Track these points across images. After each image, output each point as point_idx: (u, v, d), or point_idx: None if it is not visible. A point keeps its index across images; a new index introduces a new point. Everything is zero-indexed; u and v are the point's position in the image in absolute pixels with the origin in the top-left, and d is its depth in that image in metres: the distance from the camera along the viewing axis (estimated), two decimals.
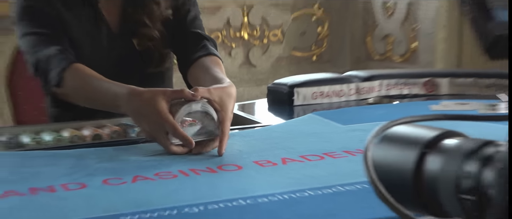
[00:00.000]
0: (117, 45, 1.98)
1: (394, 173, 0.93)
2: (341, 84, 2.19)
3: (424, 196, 0.90)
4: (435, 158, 0.89)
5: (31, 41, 1.88)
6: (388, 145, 0.95)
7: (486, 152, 0.85)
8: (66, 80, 1.78)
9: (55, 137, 1.71)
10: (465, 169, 0.85)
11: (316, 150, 1.59)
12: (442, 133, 0.92)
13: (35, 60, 1.84)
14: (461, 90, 2.26)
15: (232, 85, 1.66)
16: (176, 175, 1.41)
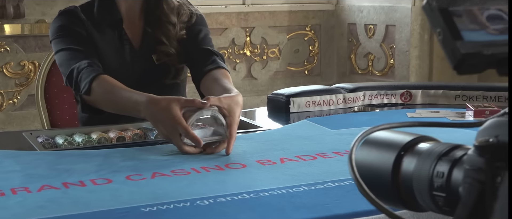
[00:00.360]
0: (139, 60, 1.97)
1: (375, 173, 0.91)
2: (331, 95, 2.17)
3: (402, 193, 0.89)
4: (411, 160, 0.87)
5: (65, 56, 1.87)
6: (370, 148, 0.93)
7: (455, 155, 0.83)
8: (94, 89, 1.77)
9: (85, 138, 1.69)
10: (437, 170, 0.84)
11: (309, 151, 1.57)
12: (417, 138, 0.90)
13: (68, 72, 1.83)
14: (433, 100, 2.24)
15: (239, 95, 1.65)
16: (189, 172, 1.40)
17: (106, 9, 1.95)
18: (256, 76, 5.19)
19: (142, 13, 1.98)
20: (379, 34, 5.08)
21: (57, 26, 1.92)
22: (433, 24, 0.81)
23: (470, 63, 0.79)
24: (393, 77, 5.02)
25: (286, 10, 5.22)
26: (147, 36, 1.97)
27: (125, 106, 1.71)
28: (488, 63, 0.80)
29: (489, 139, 0.77)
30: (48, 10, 4.19)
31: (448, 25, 0.79)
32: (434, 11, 0.80)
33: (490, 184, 0.76)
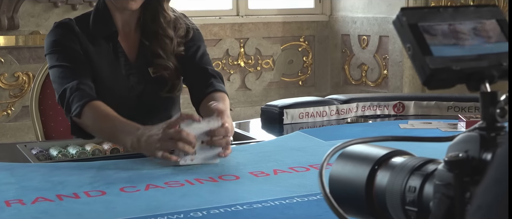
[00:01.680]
0: (134, 73, 1.97)
1: (350, 186, 0.92)
2: (324, 106, 2.18)
3: (375, 207, 0.89)
4: (385, 174, 0.88)
5: (58, 73, 1.86)
6: (345, 162, 0.94)
7: (427, 169, 0.84)
8: (85, 114, 1.76)
9: (79, 150, 1.70)
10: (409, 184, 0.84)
11: (302, 162, 1.58)
12: (391, 152, 0.90)
13: (61, 91, 1.82)
14: (426, 111, 2.25)
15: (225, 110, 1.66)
16: (183, 184, 1.40)
17: (102, 22, 1.95)
18: (250, 87, 5.20)
19: (138, 26, 1.98)
20: (373, 45, 5.10)
21: (51, 40, 1.92)
22: (403, 39, 0.81)
23: (439, 78, 0.79)
24: (387, 88, 5.03)
25: (280, 21, 5.24)
26: (143, 49, 1.97)
27: (111, 138, 1.73)
28: (458, 79, 0.80)
29: (458, 154, 0.78)
30: (43, 22, 4.20)
31: (418, 40, 0.80)
32: (404, 27, 0.81)
33: (459, 199, 0.76)
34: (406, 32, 0.80)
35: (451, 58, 0.79)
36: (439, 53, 0.79)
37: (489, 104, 0.79)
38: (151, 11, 1.94)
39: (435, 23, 0.82)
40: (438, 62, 0.78)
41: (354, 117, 2.20)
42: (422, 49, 0.79)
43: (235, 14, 5.11)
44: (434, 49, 0.79)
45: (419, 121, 2.09)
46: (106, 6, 1.95)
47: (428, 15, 0.82)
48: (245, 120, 2.38)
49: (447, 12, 0.83)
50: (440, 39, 0.81)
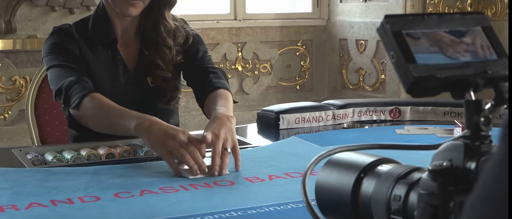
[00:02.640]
0: (133, 81, 1.96)
1: (336, 194, 0.91)
2: (320, 111, 2.18)
3: (361, 215, 0.88)
4: (370, 182, 0.87)
5: (56, 72, 1.86)
6: (332, 169, 0.93)
7: (412, 177, 0.83)
8: (85, 104, 1.75)
9: (74, 155, 1.69)
10: (394, 193, 0.83)
11: (297, 168, 1.58)
12: (378, 160, 0.90)
13: (58, 87, 1.82)
14: (422, 116, 2.25)
15: (222, 115, 1.65)
16: (178, 189, 1.40)
17: (101, 28, 1.94)
18: (248, 91, 5.20)
19: (138, 34, 1.97)
20: (370, 50, 5.10)
21: (50, 43, 1.91)
22: (387, 47, 0.80)
23: (423, 86, 0.78)
24: (384, 92, 5.04)
25: (278, 26, 5.24)
26: (142, 58, 1.96)
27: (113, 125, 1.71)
28: (442, 87, 0.79)
29: (443, 162, 0.77)
30: (40, 26, 4.20)
31: (401, 48, 0.79)
32: (388, 34, 0.80)
33: (443, 208, 0.76)
34: (389, 39, 0.80)
35: (435, 66, 0.78)
36: (423, 61, 0.78)
37: (474, 113, 0.78)
38: (152, 19, 1.93)
39: (420, 31, 0.81)
40: (422, 70, 0.77)
41: (350, 122, 2.20)
42: (405, 57, 0.78)
43: (233, 19, 5.11)
44: (418, 57, 0.78)
45: (415, 126, 2.08)
46: (105, 12, 1.94)
47: (413, 23, 0.81)
48: (242, 125, 2.38)
49: (432, 20, 0.82)
50: (424, 46, 0.80)
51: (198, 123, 4.66)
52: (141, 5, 1.87)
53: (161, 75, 1.94)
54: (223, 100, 1.80)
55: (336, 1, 5.33)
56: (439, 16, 0.83)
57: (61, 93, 1.80)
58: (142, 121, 1.60)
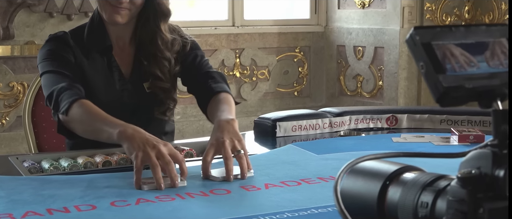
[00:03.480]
0: (128, 88, 1.96)
1: (361, 201, 0.93)
2: (317, 119, 2.18)
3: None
4: (396, 189, 0.89)
5: (49, 77, 1.87)
6: (356, 177, 0.95)
7: (439, 185, 0.85)
8: (73, 110, 1.75)
9: (70, 163, 1.69)
10: (421, 199, 0.85)
11: (294, 176, 1.58)
12: (402, 167, 0.92)
13: (49, 92, 1.82)
14: (419, 124, 2.26)
15: (223, 121, 1.67)
16: (174, 198, 1.40)
17: (96, 35, 1.95)
18: (246, 97, 5.20)
19: (133, 41, 1.98)
20: (368, 56, 5.11)
21: (45, 50, 1.92)
22: (416, 58, 0.83)
23: (452, 96, 0.80)
24: (382, 99, 5.04)
25: (276, 32, 5.25)
26: (138, 64, 1.96)
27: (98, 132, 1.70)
28: (470, 96, 0.82)
29: (471, 170, 0.79)
30: (38, 32, 4.20)
31: (431, 59, 0.81)
32: (417, 45, 0.82)
33: (472, 215, 0.77)
34: (419, 50, 0.82)
35: (463, 76, 0.81)
36: (452, 72, 0.81)
37: (501, 122, 0.80)
38: (149, 32, 1.93)
39: (448, 42, 0.83)
40: (451, 80, 0.80)
41: (347, 130, 2.20)
42: (435, 67, 0.81)
43: (230, 25, 5.11)
44: (446, 67, 0.81)
45: (412, 134, 2.09)
46: (100, 19, 1.95)
47: (441, 34, 0.84)
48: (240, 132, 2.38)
49: (459, 31, 0.85)
50: (452, 57, 0.82)
51: (196, 129, 4.66)
52: (127, 13, 1.88)
53: (160, 86, 1.95)
54: (225, 104, 1.81)
55: (334, 8, 5.34)
56: (466, 28, 0.86)
57: (52, 98, 1.81)
58: (126, 128, 1.60)
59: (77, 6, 4.24)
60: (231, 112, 1.77)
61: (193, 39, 2.05)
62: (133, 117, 1.91)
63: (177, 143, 1.93)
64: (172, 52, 1.96)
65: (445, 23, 4.93)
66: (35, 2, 4.14)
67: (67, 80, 1.83)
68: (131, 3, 1.87)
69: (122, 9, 1.86)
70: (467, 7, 4.98)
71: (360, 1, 5.11)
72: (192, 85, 1.99)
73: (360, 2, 5.11)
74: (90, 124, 1.74)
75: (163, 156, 1.50)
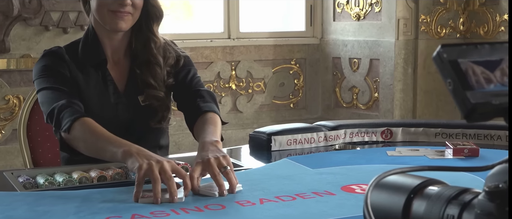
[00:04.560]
0: (123, 101, 1.97)
1: (386, 215, 0.94)
2: (312, 133, 2.18)
3: None
4: (421, 202, 0.91)
5: (47, 94, 1.87)
6: (380, 191, 0.96)
7: (464, 198, 0.87)
8: (75, 128, 1.76)
9: (66, 178, 1.69)
10: (447, 213, 0.87)
11: (289, 191, 1.58)
12: (426, 181, 0.94)
13: (50, 110, 1.83)
14: (413, 138, 2.26)
15: (207, 142, 1.70)
16: (169, 214, 1.40)
17: (91, 50, 1.95)
18: (242, 109, 5.21)
19: (128, 53, 1.98)
20: (364, 68, 5.12)
21: (41, 66, 1.92)
22: (444, 75, 0.85)
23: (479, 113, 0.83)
24: (378, 111, 5.05)
25: (271, 44, 5.26)
26: (133, 77, 1.97)
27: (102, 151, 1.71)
28: (497, 112, 0.84)
29: (499, 184, 0.81)
30: (34, 45, 4.20)
31: (458, 76, 0.84)
32: (444, 63, 0.85)
33: None
34: (446, 68, 0.85)
35: (490, 92, 0.83)
36: (478, 88, 0.83)
37: None
38: (142, 37, 1.95)
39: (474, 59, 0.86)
40: (479, 97, 0.82)
41: (342, 143, 2.21)
42: (462, 84, 0.83)
43: (226, 37, 5.12)
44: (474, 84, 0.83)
45: (406, 148, 2.09)
46: (95, 34, 1.95)
47: (467, 52, 0.86)
48: (236, 146, 2.39)
49: (484, 49, 0.87)
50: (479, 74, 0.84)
51: (192, 142, 4.64)
52: (130, 18, 1.89)
53: (154, 95, 1.95)
54: (211, 125, 1.82)
55: (329, 20, 5.36)
56: (490, 45, 0.89)
57: (53, 116, 1.81)
58: (130, 148, 1.61)
59: (72, 20, 4.24)
60: (216, 133, 1.79)
61: (187, 54, 2.06)
62: (128, 130, 1.91)
63: (172, 157, 1.93)
64: (166, 63, 1.97)
65: (440, 35, 4.95)
66: (31, 16, 4.14)
67: (66, 97, 1.84)
68: (133, 7, 1.88)
69: (125, 14, 1.87)
70: (462, 19, 5.00)
71: (355, 14, 5.13)
72: (181, 102, 2.00)
73: (355, 14, 5.12)
74: (93, 143, 1.74)
75: (165, 171, 1.51)
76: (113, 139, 1.70)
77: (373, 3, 5.01)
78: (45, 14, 4.18)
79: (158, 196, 1.47)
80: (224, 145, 1.80)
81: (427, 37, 4.93)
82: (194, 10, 5.41)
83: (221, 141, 1.78)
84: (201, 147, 1.70)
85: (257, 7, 5.44)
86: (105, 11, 1.89)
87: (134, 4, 1.89)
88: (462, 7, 5.00)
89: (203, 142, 1.72)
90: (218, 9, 5.14)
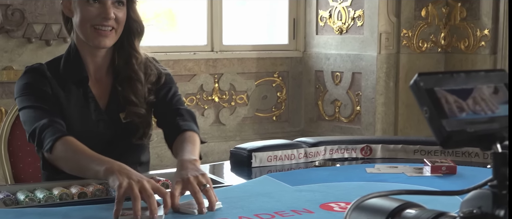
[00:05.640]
0: (105, 118, 1.97)
1: None
2: (292, 149, 2.20)
3: None
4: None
5: (29, 113, 1.87)
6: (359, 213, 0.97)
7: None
8: (57, 148, 1.77)
9: (46, 194, 1.69)
10: None
11: (268, 209, 1.59)
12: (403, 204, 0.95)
13: (32, 129, 1.83)
14: (393, 154, 2.29)
15: (185, 161, 1.72)
16: None
17: (72, 67, 1.96)
18: (224, 122, 5.22)
19: (110, 71, 1.99)
20: (346, 81, 5.16)
21: (22, 84, 1.92)
22: (420, 103, 0.87)
23: (455, 140, 0.85)
24: (360, 124, 5.08)
25: (254, 57, 5.28)
26: (115, 94, 1.98)
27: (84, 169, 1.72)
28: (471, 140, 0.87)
29: (473, 210, 0.83)
30: (16, 57, 4.19)
31: (434, 104, 0.86)
32: (421, 91, 0.87)
33: None
34: (423, 96, 0.87)
35: (465, 120, 0.86)
36: (454, 117, 0.85)
37: (501, 164, 0.84)
38: (124, 53, 1.96)
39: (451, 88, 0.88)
40: (454, 125, 0.85)
41: (322, 160, 2.23)
42: (438, 112, 0.85)
43: (209, 50, 5.14)
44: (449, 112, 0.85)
45: (386, 165, 2.11)
46: (77, 50, 1.96)
47: (443, 80, 0.88)
48: (217, 162, 2.40)
49: (460, 77, 0.89)
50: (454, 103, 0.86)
51: None
52: (113, 34, 1.90)
53: (135, 111, 1.96)
54: (190, 144, 1.84)
55: (312, 33, 5.40)
56: (466, 74, 0.91)
57: (35, 136, 1.82)
58: (112, 165, 1.63)
59: (55, 32, 4.24)
60: (195, 152, 1.81)
61: (168, 72, 2.07)
62: (109, 147, 1.92)
63: (153, 173, 1.94)
64: (147, 80, 1.98)
65: (422, 50, 5.00)
66: (14, 28, 4.14)
67: (48, 115, 1.84)
68: (116, 21, 1.89)
69: (109, 31, 1.88)
70: (443, 33, 5.05)
71: (338, 27, 5.16)
72: (161, 120, 2.02)
73: (338, 28, 5.16)
74: (75, 162, 1.75)
75: (145, 190, 1.53)
76: (95, 157, 1.71)
77: (355, 17, 5.05)
78: (28, 26, 4.18)
79: (138, 213, 1.48)
80: (207, 158, 1.83)
81: (409, 51, 4.97)
82: (178, 20, 5.43)
83: (200, 159, 1.80)
84: (179, 165, 1.71)
85: (240, 20, 5.47)
86: (88, 27, 1.89)
87: (117, 18, 1.90)
88: (443, 22, 5.05)
89: (182, 160, 1.74)
90: (201, 22, 5.16)
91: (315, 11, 5.34)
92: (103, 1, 1.88)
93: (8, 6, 4.13)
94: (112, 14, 1.88)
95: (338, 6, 5.16)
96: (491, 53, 4.77)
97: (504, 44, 4.67)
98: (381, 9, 4.87)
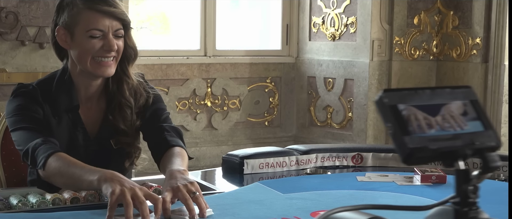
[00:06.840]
0: (94, 145, 1.98)
1: None
2: (284, 157, 2.22)
3: None
4: None
5: (22, 134, 1.86)
6: None
7: None
8: (50, 164, 1.77)
9: (39, 199, 1.70)
10: None
11: (259, 217, 1.61)
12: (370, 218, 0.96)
13: (25, 149, 1.83)
14: (383, 163, 2.31)
15: (174, 171, 1.73)
16: None
17: (64, 93, 1.94)
18: (217, 126, 5.24)
19: (101, 98, 1.99)
20: (338, 88, 5.18)
21: (15, 105, 1.90)
22: (385, 119, 0.88)
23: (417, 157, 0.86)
24: (351, 130, 5.10)
25: (247, 62, 5.30)
26: (107, 120, 1.97)
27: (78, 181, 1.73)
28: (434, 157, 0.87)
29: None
30: (9, 60, 4.19)
31: (398, 121, 0.87)
32: (385, 107, 0.88)
33: None
34: (387, 112, 0.87)
35: (428, 137, 0.86)
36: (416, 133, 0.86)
37: (463, 181, 0.86)
38: (116, 79, 1.96)
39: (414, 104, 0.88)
40: (416, 141, 0.85)
41: (313, 167, 2.24)
42: (401, 129, 0.86)
43: (202, 55, 5.16)
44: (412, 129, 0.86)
45: (376, 173, 2.13)
46: (70, 76, 1.95)
47: (407, 97, 0.89)
48: (209, 169, 2.41)
49: (425, 94, 0.90)
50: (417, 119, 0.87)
51: None
52: (114, 64, 1.91)
53: (126, 142, 1.98)
54: (179, 158, 1.85)
55: (305, 39, 5.42)
56: (431, 90, 0.91)
57: (28, 155, 1.82)
58: (105, 173, 1.64)
59: (49, 35, 4.23)
60: (183, 164, 1.82)
61: (157, 92, 2.06)
62: None
63: (146, 179, 1.95)
64: (136, 105, 1.99)
65: (414, 57, 5.03)
66: (8, 31, 4.14)
67: (40, 135, 1.84)
68: (117, 52, 1.90)
69: (111, 61, 1.89)
70: (435, 41, 5.09)
71: (330, 34, 5.19)
72: (148, 136, 2.01)
73: (331, 34, 5.19)
74: (69, 175, 1.75)
75: (137, 197, 1.54)
76: (88, 168, 1.72)
77: (348, 24, 5.08)
78: (21, 29, 4.18)
79: None
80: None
81: (401, 59, 5.00)
82: (172, 24, 5.44)
83: None
84: (169, 175, 1.73)
85: (233, 25, 5.49)
86: (89, 59, 1.89)
87: (118, 48, 1.90)
88: (436, 30, 5.09)
89: (171, 170, 1.75)
90: (194, 26, 5.17)
91: (308, 17, 5.37)
92: (105, 34, 1.88)
93: (2, 8, 4.14)
94: (115, 47, 1.89)
95: (331, 13, 5.19)
96: (482, 61, 4.80)
97: (495, 53, 4.71)
98: (374, 16, 4.90)
